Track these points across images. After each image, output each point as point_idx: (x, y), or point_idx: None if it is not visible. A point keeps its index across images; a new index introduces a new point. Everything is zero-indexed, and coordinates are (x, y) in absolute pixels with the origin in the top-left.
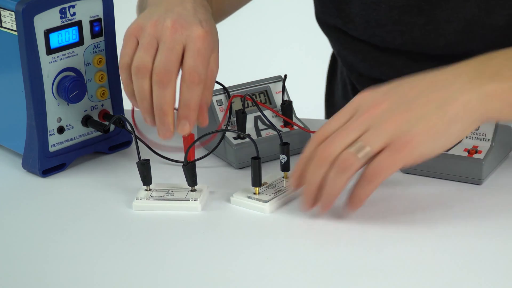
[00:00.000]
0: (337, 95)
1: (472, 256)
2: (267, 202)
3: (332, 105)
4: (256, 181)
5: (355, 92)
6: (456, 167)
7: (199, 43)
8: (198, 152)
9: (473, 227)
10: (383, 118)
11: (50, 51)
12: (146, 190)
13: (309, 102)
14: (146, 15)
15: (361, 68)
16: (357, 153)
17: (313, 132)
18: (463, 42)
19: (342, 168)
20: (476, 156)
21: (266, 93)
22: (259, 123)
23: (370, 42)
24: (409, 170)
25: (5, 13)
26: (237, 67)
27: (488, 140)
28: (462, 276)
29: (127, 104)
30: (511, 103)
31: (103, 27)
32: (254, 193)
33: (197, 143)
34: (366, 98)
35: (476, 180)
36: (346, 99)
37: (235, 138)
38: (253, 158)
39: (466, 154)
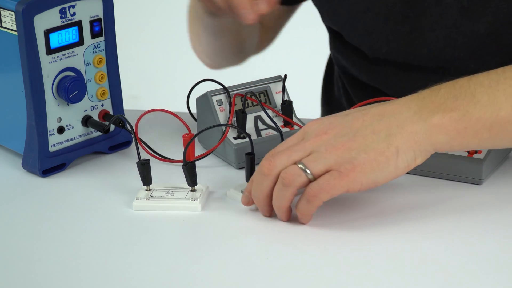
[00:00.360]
0: (333, 95)
1: (472, 256)
2: None
3: (329, 106)
4: (250, 177)
5: (346, 94)
6: (456, 167)
7: None
8: (198, 152)
9: (473, 227)
10: (326, 145)
11: (50, 51)
12: (146, 190)
13: (309, 102)
14: None
15: (353, 73)
16: (298, 171)
17: None
18: (445, 51)
19: (284, 183)
20: (476, 156)
21: (266, 93)
22: (259, 123)
23: (360, 50)
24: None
25: (5, 13)
26: (237, 67)
27: None
28: (462, 276)
29: (127, 104)
30: (458, 133)
31: (103, 27)
32: None
33: (206, 148)
34: (313, 126)
35: (476, 180)
36: (340, 100)
37: (235, 138)
38: (247, 154)
39: (466, 154)
